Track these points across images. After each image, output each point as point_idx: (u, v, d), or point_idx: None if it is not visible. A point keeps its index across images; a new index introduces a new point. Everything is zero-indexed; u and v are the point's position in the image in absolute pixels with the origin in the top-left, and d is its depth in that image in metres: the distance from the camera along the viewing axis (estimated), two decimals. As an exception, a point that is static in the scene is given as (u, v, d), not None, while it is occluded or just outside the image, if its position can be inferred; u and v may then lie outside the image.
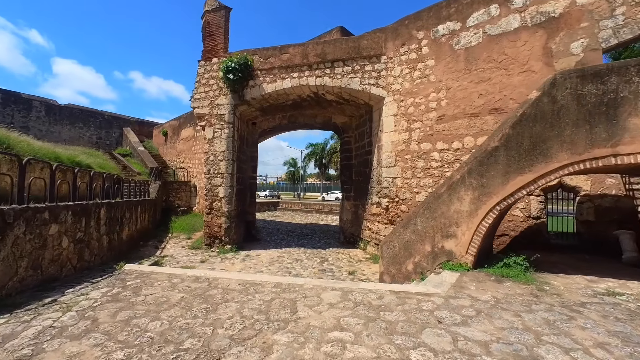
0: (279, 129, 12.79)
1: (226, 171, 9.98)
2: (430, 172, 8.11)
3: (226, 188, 9.96)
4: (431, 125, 8.16)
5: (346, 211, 11.52)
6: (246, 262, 8.45)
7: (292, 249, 10.38)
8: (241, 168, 11.26)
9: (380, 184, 9.18)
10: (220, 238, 9.97)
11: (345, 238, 11.44)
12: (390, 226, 8.76)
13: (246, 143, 11.93)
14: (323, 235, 13.73)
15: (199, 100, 10.50)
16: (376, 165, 9.50)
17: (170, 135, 20.44)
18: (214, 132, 10.19)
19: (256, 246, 10.85)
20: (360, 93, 9.38)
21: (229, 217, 9.97)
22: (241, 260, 8.69)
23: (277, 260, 8.78)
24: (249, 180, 12.29)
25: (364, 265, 8.36)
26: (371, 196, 9.79)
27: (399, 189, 8.66)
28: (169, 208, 16.28)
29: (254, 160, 12.42)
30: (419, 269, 5.35)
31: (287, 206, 27.25)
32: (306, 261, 8.70)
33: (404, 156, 8.60)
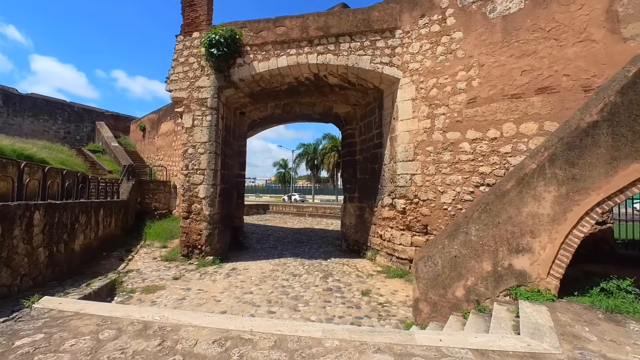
0: (271, 120, 11.16)
1: (208, 166, 8.28)
2: (458, 167, 6.66)
3: (208, 187, 8.25)
4: (460, 110, 6.72)
5: (349, 214, 9.97)
6: (231, 279, 6.76)
7: (286, 260, 8.74)
8: (226, 164, 9.56)
9: (394, 182, 7.67)
10: (200, 247, 8.23)
11: (349, 246, 9.88)
12: (407, 232, 7.25)
13: (233, 135, 10.25)
14: (320, 241, 12.13)
15: (176, 81, 8.78)
16: (388, 160, 8.00)
17: (149, 130, 18.46)
18: (194, 119, 8.48)
19: (244, 256, 9.14)
20: (370, 74, 7.88)
21: (211, 222, 8.25)
22: (225, 276, 6.98)
23: (270, 275, 7.12)
24: (236, 178, 10.59)
25: (377, 281, 6.81)
26: (382, 197, 8.28)
27: (418, 187, 7.17)
28: (144, 211, 14.32)
29: (241, 155, 10.74)
30: (474, 295, 3.83)
31: (277, 209, 25.51)
32: (306, 276, 7.08)
33: (425, 148, 7.13)
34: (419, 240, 7.07)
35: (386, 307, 5.29)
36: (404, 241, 7.27)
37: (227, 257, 8.82)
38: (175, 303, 5.30)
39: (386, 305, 5.34)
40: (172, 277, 6.80)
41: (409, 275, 6.96)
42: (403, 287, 6.35)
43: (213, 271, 7.40)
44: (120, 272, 7.13)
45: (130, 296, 5.62)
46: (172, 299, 5.53)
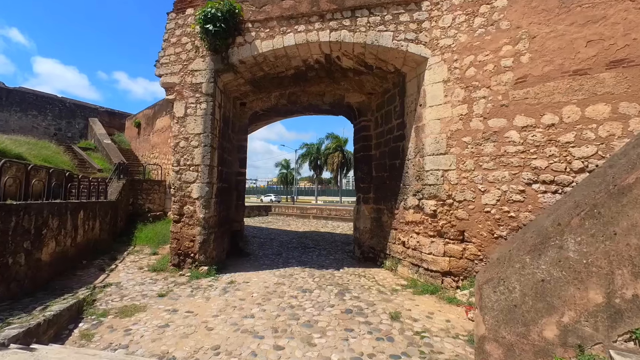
0: (275, 111, 10.01)
1: (202, 162, 7.13)
2: (504, 161, 5.49)
3: (202, 186, 7.09)
4: (505, 92, 5.56)
5: (363, 217, 8.79)
6: (228, 297, 5.58)
7: (293, 270, 7.56)
8: (225, 160, 8.42)
9: (421, 180, 6.50)
10: (193, 256, 7.08)
11: (363, 253, 8.71)
12: (439, 240, 6.07)
13: (232, 128, 9.11)
14: (329, 247, 10.95)
15: (166, 65, 7.65)
16: (413, 154, 6.83)
17: (144, 126, 17.37)
18: (187, 107, 7.34)
19: (244, 265, 7.98)
20: (391, 53, 6.73)
21: (206, 226, 7.09)
22: (221, 293, 5.81)
23: (275, 291, 5.95)
24: (236, 176, 9.44)
25: (404, 298, 5.63)
26: (404, 197, 7.10)
27: (453, 186, 5.99)
28: (136, 213, 13.20)
29: (242, 151, 9.60)
30: (574, 338, 2.65)
31: (280, 210, 24.35)
32: (317, 292, 5.90)
33: (461, 139, 5.96)
34: (454, 249, 5.89)
35: (426, 337, 4.11)
36: (434, 250, 6.09)
37: (224, 266, 7.65)
38: (154, 333, 4.14)
39: (425, 336, 4.15)
40: (157, 294, 5.64)
41: (442, 292, 5.78)
42: (439, 308, 5.17)
43: (207, 285, 6.24)
44: (97, 286, 5.98)
45: (100, 322, 4.46)
46: (153, 325, 4.37)
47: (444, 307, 5.23)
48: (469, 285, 5.63)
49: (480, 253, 5.63)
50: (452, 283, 5.89)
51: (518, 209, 5.31)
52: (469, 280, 5.73)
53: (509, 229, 5.38)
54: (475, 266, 5.68)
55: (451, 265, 5.90)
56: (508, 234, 5.38)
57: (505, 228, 5.41)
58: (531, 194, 5.22)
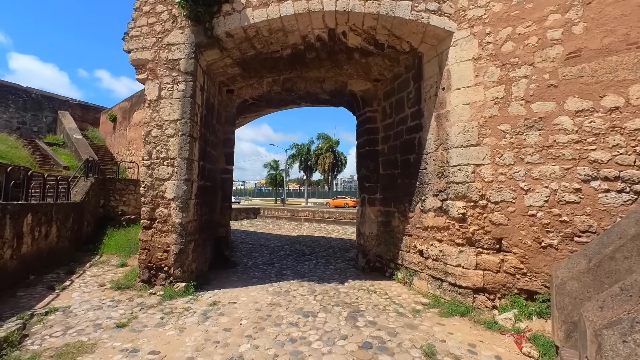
0: (267, 101, 8.80)
1: (179, 155, 5.85)
2: (554, 153, 4.48)
3: (178, 184, 5.81)
4: (553, 70, 4.56)
5: (369, 221, 7.68)
6: (209, 327, 4.33)
7: (289, 284, 6.36)
8: (208, 154, 7.15)
9: (445, 177, 5.44)
10: (167, 270, 5.77)
11: (368, 262, 7.58)
12: (469, 249, 5.00)
13: (217, 118, 7.85)
14: (327, 254, 9.78)
15: (137, 38, 6.34)
16: (434, 146, 5.77)
17: (120, 120, 15.78)
18: (161, 89, 6.06)
19: (231, 279, 6.71)
20: (408, 27, 5.67)
21: (184, 233, 5.80)
22: (200, 319, 4.55)
23: (269, 315, 4.74)
24: (221, 174, 8.17)
25: (430, 322, 4.52)
26: (422, 198, 6.03)
27: (487, 184, 4.95)
28: (108, 216, 11.67)
29: (229, 145, 8.33)
30: None
31: (270, 213, 23.01)
32: (323, 316, 4.73)
33: (497, 127, 4.93)
34: (489, 260, 4.84)
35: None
36: (463, 261, 5.03)
37: (206, 281, 6.37)
38: (98, 392, 2.87)
39: (479, 385, 3.04)
40: (115, 323, 4.32)
41: (475, 313, 4.72)
42: (479, 337, 4.08)
43: (183, 308, 4.96)
44: (37, 312, 4.61)
45: (23, 373, 3.15)
46: (99, 377, 3.09)
47: (484, 335, 4.15)
48: (510, 305, 4.58)
49: (524, 266, 4.60)
50: (486, 302, 4.83)
51: (572, 212, 4.31)
52: (508, 298, 4.68)
53: (561, 236, 4.37)
54: (517, 281, 4.64)
55: (485, 281, 4.85)
56: (560, 243, 4.37)
57: (555, 235, 4.40)
58: (590, 194, 4.23)
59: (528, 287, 4.55)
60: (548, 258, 4.43)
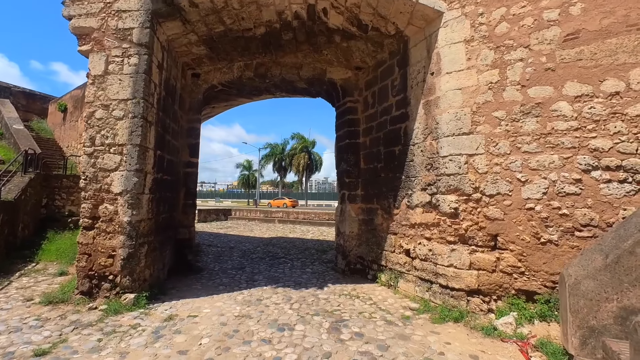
0: (238, 88, 7.98)
1: (129, 141, 4.91)
2: (552, 142, 4.15)
3: (128, 175, 4.87)
4: (550, 53, 4.25)
5: (349, 220, 7.10)
6: (160, 349, 3.48)
7: (262, 291, 5.61)
8: (167, 144, 6.22)
9: (435, 169, 4.98)
10: (112, 279, 4.79)
11: (349, 264, 6.99)
12: (462, 247, 4.55)
13: (181, 104, 6.93)
14: (303, 257, 9.09)
15: (81, 2, 5.32)
16: (422, 136, 5.31)
17: (71, 110, 14.09)
18: (108, 62, 5.09)
19: (194, 287, 5.83)
20: (395, 7, 5.19)
21: (134, 234, 4.86)
22: (150, 340, 3.68)
23: (237, 331, 3.96)
24: (184, 167, 7.22)
25: (423, 330, 3.99)
26: (409, 192, 5.54)
27: (481, 176, 4.54)
28: (52, 218, 10.21)
29: (193, 135, 7.40)
30: None
31: (242, 214, 21.86)
32: (301, 328, 4.04)
33: (491, 114, 4.54)
34: (484, 259, 4.41)
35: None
36: (456, 261, 4.57)
37: (163, 291, 5.45)
38: None
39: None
40: (34, 351, 3.34)
41: (470, 317, 4.25)
42: (479, 346, 3.60)
43: (130, 325, 4.05)
44: None
45: None
46: None
47: (484, 344, 3.68)
48: (508, 308, 4.17)
49: (521, 264, 4.21)
50: (481, 305, 4.39)
51: (573, 205, 3.98)
52: (505, 300, 4.27)
53: (561, 231, 4.02)
54: (515, 282, 4.24)
55: (480, 281, 4.41)
56: (560, 238, 4.02)
57: (555, 230, 4.05)
58: (590, 184, 3.92)
59: (527, 288, 4.16)
60: (548, 255, 4.07)
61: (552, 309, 3.87)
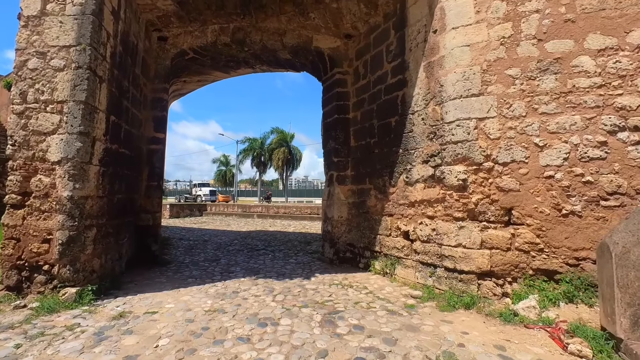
0: (212, 57, 7.07)
1: (72, 97, 3.95)
2: (573, 101, 3.66)
3: (70, 139, 3.90)
4: (569, 2, 3.77)
5: (338, 203, 6.41)
6: (100, 355, 2.62)
7: (238, 283, 4.80)
8: (126, 111, 5.25)
9: (439, 138, 4.39)
10: (48, 269, 3.82)
11: (337, 253, 6.31)
12: (471, 224, 3.99)
13: (144, 69, 5.94)
14: (285, 248, 8.31)
15: None
16: (423, 102, 4.71)
17: (19, 91, 12.40)
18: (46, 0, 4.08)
19: (156, 281, 4.91)
20: (394, -47, 4.54)
21: (77, 214, 3.91)
22: (88, 345, 2.80)
23: (207, 328, 3.16)
24: (149, 144, 6.23)
25: (433, 320, 3.37)
26: (408, 167, 4.93)
27: (493, 142, 3.98)
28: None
29: (159, 106, 6.41)
30: None
31: (218, 209, 20.66)
32: (287, 322, 3.30)
33: (504, 72, 4.00)
34: (497, 237, 3.86)
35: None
36: (465, 240, 3.99)
37: (118, 284, 4.51)
38: None
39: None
40: None
41: (483, 303, 3.69)
42: (501, 334, 3.02)
43: (66, 326, 3.13)
44: None
45: None
46: None
47: (506, 332, 3.10)
48: (526, 290, 3.64)
49: (540, 240, 3.69)
50: (495, 289, 3.84)
51: (597, 171, 3.51)
52: (522, 282, 3.74)
53: (585, 201, 3.54)
54: (533, 260, 3.72)
55: (493, 262, 3.86)
56: (584, 209, 3.54)
57: (578, 200, 3.56)
58: (617, 147, 3.46)
59: (546, 267, 3.65)
60: (570, 229, 3.58)
61: (578, 289, 3.38)
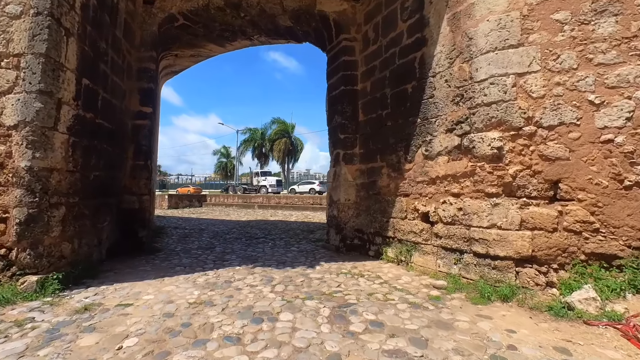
0: (205, 25, 6.36)
1: (30, 49, 3.30)
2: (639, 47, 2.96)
3: (28, 99, 3.26)
4: None
5: (345, 185, 5.77)
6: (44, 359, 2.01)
7: (232, 272, 4.20)
8: (105, 78, 4.59)
9: (467, 101, 3.71)
10: (6, 255, 3.21)
11: (344, 239, 5.69)
12: (509, 201, 3.34)
13: (126, 33, 5.26)
14: (286, 236, 7.70)
15: None
16: (447, 61, 4.02)
17: None
18: None
19: (140, 269, 4.32)
20: None
21: (39, 189, 3.29)
22: (35, 345, 2.20)
23: (188, 323, 2.55)
24: (134, 119, 5.58)
25: (468, 315, 2.74)
26: (428, 138, 4.26)
27: (535, 101, 3.30)
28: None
29: (146, 77, 5.73)
30: None
31: (218, 200, 20.12)
32: (288, 317, 2.69)
33: (550, 16, 3.30)
34: (541, 215, 3.21)
35: None
36: (500, 220, 3.35)
37: (94, 272, 3.92)
38: None
39: None
40: None
41: (524, 294, 3.06)
42: (561, 334, 2.39)
43: (14, 322, 2.54)
44: None
45: None
46: None
47: (562, 329, 2.47)
48: (578, 279, 2.99)
49: (595, 218, 3.04)
50: (537, 277, 3.20)
51: (673, 133, 2.83)
52: (571, 270, 3.10)
53: (654, 170, 2.87)
54: (586, 243, 3.07)
55: (535, 246, 3.21)
56: (653, 180, 2.87)
57: (646, 169, 2.89)
58: (698, 103, 2.77)
59: (603, 250, 3.01)
60: (634, 204, 2.92)
61: (647, 276, 2.74)
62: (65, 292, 3.25)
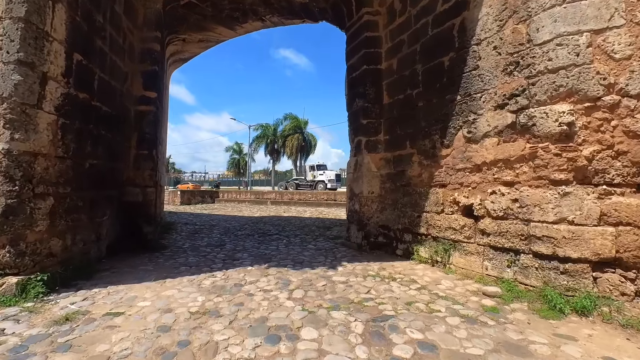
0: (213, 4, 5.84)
1: (7, 13, 2.83)
2: None
3: (6, 71, 2.81)
4: None
5: (368, 176, 5.16)
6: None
7: (243, 273, 3.68)
8: (102, 56, 4.13)
9: (524, 70, 3.03)
10: (-18, 251, 2.77)
11: (367, 237, 5.09)
12: (583, 189, 2.67)
13: (129, 13, 4.79)
14: (302, 233, 7.16)
15: None
16: (496, 24, 3.34)
17: None
18: None
19: (141, 269, 3.85)
20: None
21: (19, 176, 2.83)
22: (-11, 367, 1.72)
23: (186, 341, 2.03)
24: (136, 104, 5.13)
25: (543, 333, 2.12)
26: (471, 118, 3.61)
27: (618, 64, 2.61)
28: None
29: (149, 59, 5.26)
30: None
31: (230, 196, 19.81)
32: (311, 336, 2.13)
33: (642, -47, 2.58)
34: (628, 206, 2.53)
35: None
36: (571, 212, 2.69)
37: (89, 272, 3.47)
38: None
39: None
40: None
41: (606, 306, 2.40)
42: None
43: (-21, 334, 2.07)
44: None
45: None
46: None
47: (684, 360, 1.82)
48: (684, 290, 2.31)
49: None
50: (622, 285, 2.53)
51: None
52: (672, 277, 2.42)
53: None
54: (693, 244, 2.38)
55: (620, 245, 2.54)
56: None
57: None
58: None
59: None
60: None
61: None
62: (50, 296, 2.79)
